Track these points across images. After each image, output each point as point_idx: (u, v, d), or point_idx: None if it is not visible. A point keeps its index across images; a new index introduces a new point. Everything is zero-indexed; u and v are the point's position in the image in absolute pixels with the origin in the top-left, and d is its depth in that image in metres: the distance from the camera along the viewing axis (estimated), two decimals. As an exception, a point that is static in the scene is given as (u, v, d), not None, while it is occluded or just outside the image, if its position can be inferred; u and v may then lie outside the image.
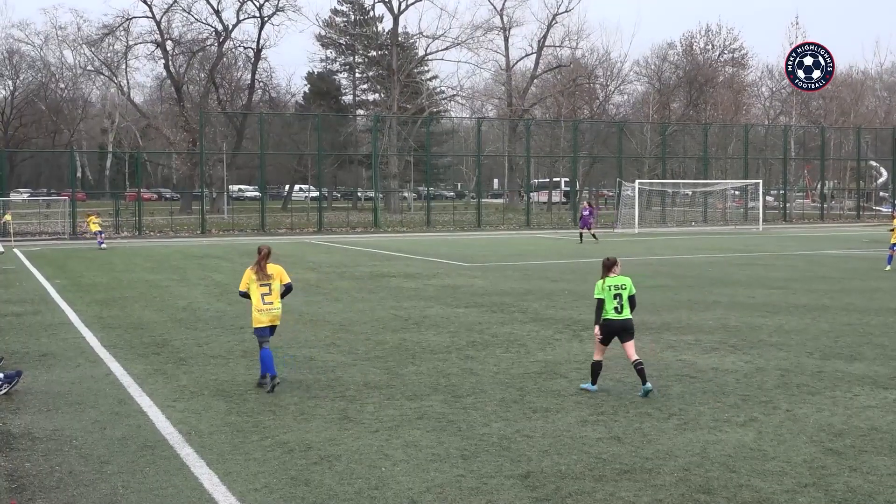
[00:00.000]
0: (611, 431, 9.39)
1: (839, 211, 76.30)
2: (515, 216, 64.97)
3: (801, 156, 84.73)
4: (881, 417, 9.91)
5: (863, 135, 76.61)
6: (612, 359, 13.22)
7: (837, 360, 13.09)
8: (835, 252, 34.87)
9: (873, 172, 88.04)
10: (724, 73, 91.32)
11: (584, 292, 21.31)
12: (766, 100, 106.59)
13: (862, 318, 17.13)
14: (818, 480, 7.86)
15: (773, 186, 79.23)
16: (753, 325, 16.31)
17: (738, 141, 74.80)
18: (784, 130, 75.47)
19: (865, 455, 8.56)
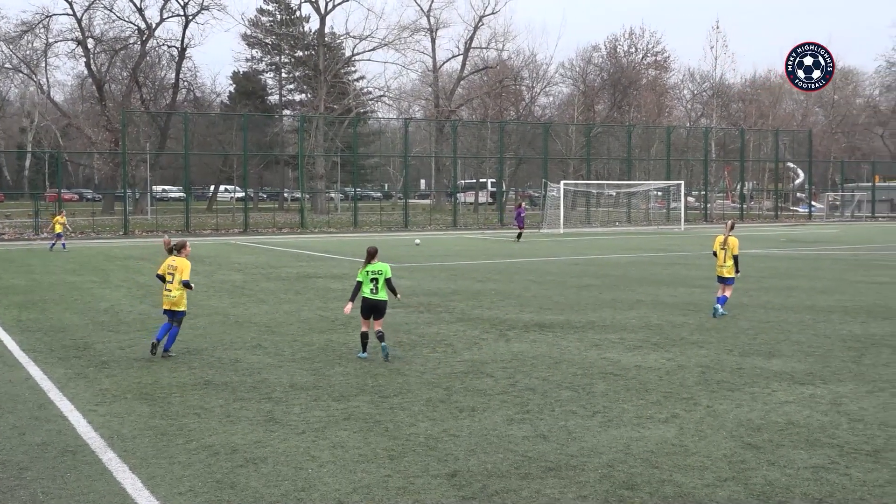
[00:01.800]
0: (536, 430, 9.46)
1: (758, 211, 77.98)
2: (442, 217, 65.10)
3: (721, 157, 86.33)
4: (798, 412, 10.15)
5: (781, 137, 78.40)
6: (537, 357, 13.34)
7: (756, 357, 13.37)
8: (753, 251, 35.58)
9: (791, 174, 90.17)
10: (647, 75, 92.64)
11: (511, 292, 21.45)
12: (688, 102, 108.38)
13: (779, 316, 17.53)
14: (738, 474, 8.02)
15: (694, 187, 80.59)
16: (675, 324, 16.57)
17: (660, 142, 75.92)
18: (705, 132, 76.85)
19: (783, 449, 8.76)
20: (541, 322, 16.79)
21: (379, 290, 12.97)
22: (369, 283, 12.97)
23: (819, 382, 11.66)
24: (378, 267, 13.00)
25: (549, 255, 33.45)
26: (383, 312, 13.19)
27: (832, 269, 28.04)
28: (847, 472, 8.08)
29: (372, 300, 12.99)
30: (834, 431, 9.36)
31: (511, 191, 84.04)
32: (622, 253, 34.90)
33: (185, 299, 13.66)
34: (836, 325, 16.39)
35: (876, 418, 9.87)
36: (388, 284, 13.08)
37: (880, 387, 11.39)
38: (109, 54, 72.76)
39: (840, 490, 7.61)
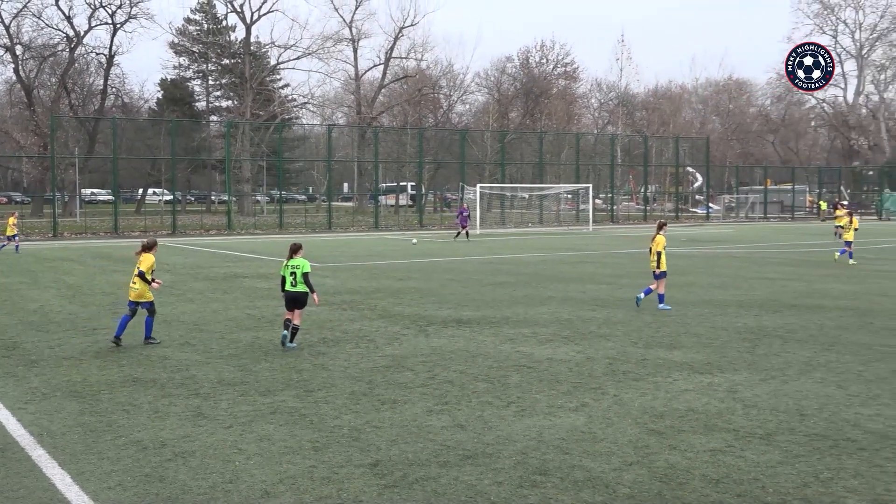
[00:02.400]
0: (454, 420, 9.48)
1: (660, 212, 79.33)
2: (364, 218, 64.86)
3: (626, 162, 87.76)
4: (697, 399, 10.36)
5: (681, 143, 79.93)
6: (455, 351, 13.38)
7: (659, 349, 13.60)
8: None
9: (690, 177, 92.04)
10: (557, 85, 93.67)
11: (430, 290, 21.47)
12: (596, 111, 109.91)
13: (680, 310, 17.87)
14: (642, 458, 8.15)
15: (601, 190, 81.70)
16: (584, 318, 16.77)
17: (570, 148, 76.83)
18: (611, 139, 78.01)
19: (683, 434, 8.93)
20: (458, 318, 16.84)
21: (297, 283, 13.44)
22: (289, 277, 13.51)
23: (716, 371, 11.92)
24: (296, 262, 13.50)
25: (465, 255, 33.57)
26: (302, 304, 13.57)
27: (728, 266, 28.68)
28: (742, 454, 8.27)
29: (291, 292, 13.51)
30: (730, 417, 9.57)
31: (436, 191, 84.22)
32: (535, 252, 35.20)
33: (147, 291, 13.94)
34: (731, 318, 16.77)
35: (768, 404, 10.13)
36: (305, 279, 13.44)
37: (772, 375, 11.69)
38: (38, 61, 70.82)
39: (736, 471, 7.79)
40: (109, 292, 21.34)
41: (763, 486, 7.42)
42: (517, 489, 7.37)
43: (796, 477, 7.63)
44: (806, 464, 7.98)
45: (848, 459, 8.09)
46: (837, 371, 11.93)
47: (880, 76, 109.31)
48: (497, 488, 7.39)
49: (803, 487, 7.38)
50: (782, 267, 28.19)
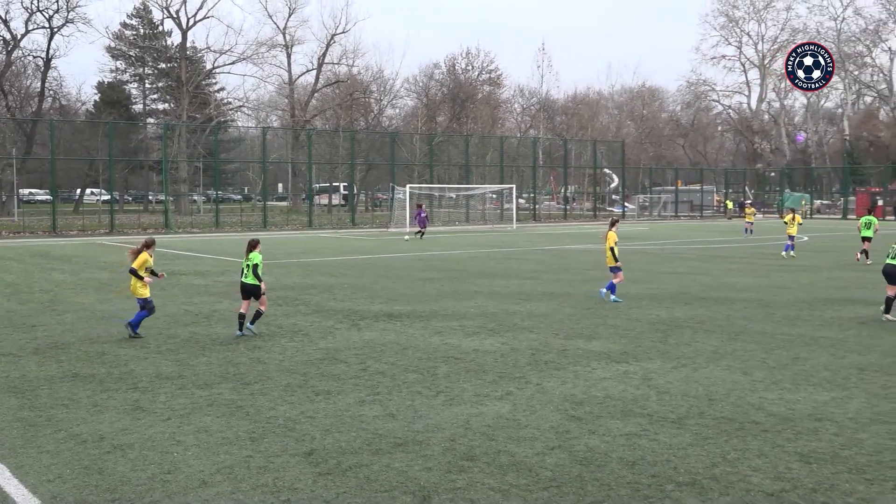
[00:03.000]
0: (386, 409, 9.46)
1: (579, 211, 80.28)
2: (299, 217, 64.27)
3: (547, 164, 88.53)
4: (614, 387, 10.50)
5: (598, 146, 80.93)
6: (386, 344, 13.35)
7: (579, 340, 13.76)
8: (576, 247, 36.64)
9: (606, 178, 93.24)
10: (482, 91, 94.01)
11: (362, 285, 21.39)
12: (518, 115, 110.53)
13: (598, 303, 18.09)
14: (563, 443, 8.23)
15: (524, 190, 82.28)
16: (509, 311, 16.87)
17: (494, 150, 77.18)
18: (533, 142, 78.60)
19: (602, 420, 9.04)
20: (389, 312, 16.80)
21: (248, 275, 14.03)
22: (245, 269, 14.13)
23: (632, 360, 12.10)
24: (251, 256, 14.05)
25: (396, 252, 33.52)
26: (254, 294, 14.07)
27: (642, 261, 29.13)
28: (656, 437, 8.41)
29: (243, 283, 14.14)
30: (645, 403, 9.73)
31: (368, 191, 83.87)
32: (462, 249, 35.29)
33: (140, 288, 14.02)
34: (645, 311, 17.04)
35: (679, 390, 10.32)
36: (254, 271, 13.98)
37: (683, 363, 11.92)
38: (-26, 63, 68.58)
39: (650, 453, 7.92)
40: (48, 290, 20.79)
41: (675, 466, 7.56)
42: (446, 474, 7.39)
43: (705, 458, 7.79)
44: (714, 445, 8.14)
45: (753, 441, 8.28)
46: (743, 359, 12.21)
47: (781, 84, 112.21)
48: (427, 474, 7.40)
49: (712, 467, 7.54)
50: (692, 262, 28.74)
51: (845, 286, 21.30)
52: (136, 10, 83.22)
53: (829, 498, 6.85)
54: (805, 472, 7.40)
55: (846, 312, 16.74)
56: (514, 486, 7.11)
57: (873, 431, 8.56)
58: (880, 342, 13.50)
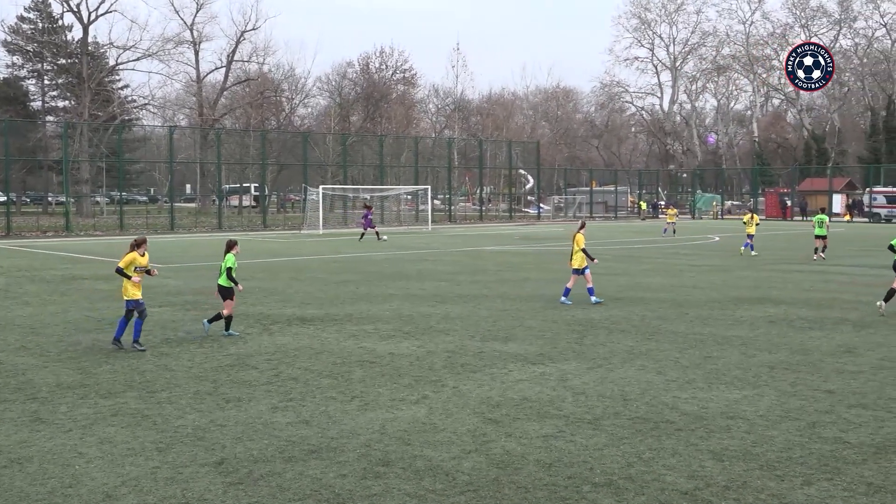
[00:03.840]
0: (299, 416, 9.36)
1: (495, 212, 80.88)
2: (208, 219, 63.21)
3: (462, 164, 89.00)
4: (531, 389, 10.60)
5: (513, 147, 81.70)
6: (299, 349, 13.22)
7: (495, 342, 13.85)
8: (492, 248, 36.90)
9: (522, 179, 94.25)
10: (396, 90, 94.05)
11: (274, 289, 21.14)
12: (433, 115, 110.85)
13: (514, 305, 18.25)
14: (480, 446, 8.27)
15: (439, 191, 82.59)
16: (424, 314, 16.89)
17: (409, 151, 77.25)
18: (448, 142, 78.91)
19: (518, 422, 9.12)
20: (302, 316, 16.65)
21: (220, 276, 14.21)
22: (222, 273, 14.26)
23: (548, 362, 12.23)
24: (225, 258, 14.23)
25: (310, 254, 33.24)
26: (224, 294, 14.18)
27: (558, 262, 29.46)
28: (572, 438, 8.52)
29: (217, 284, 14.30)
30: (561, 404, 9.84)
31: (280, 192, 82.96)
32: (376, 251, 35.18)
33: (131, 288, 13.23)
34: (561, 311, 17.25)
35: (595, 391, 10.47)
36: (228, 273, 14.12)
37: (598, 363, 12.10)
38: None
39: (566, 455, 8.01)
40: (-62, 296, 19.97)
41: (591, 467, 7.67)
42: (361, 481, 7.35)
43: (621, 458, 7.92)
44: (629, 445, 8.29)
45: (667, 440, 8.45)
46: (657, 358, 12.46)
47: (692, 86, 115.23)
48: (341, 481, 7.35)
49: (627, 467, 7.67)
50: (607, 262, 29.22)
51: (756, 286, 21.94)
52: (33, 3, 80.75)
53: (741, 495, 7.04)
54: (718, 470, 7.58)
55: (756, 311, 17.24)
56: (431, 492, 7.11)
57: (783, 428, 8.83)
58: (789, 340, 13.94)
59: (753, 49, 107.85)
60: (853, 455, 7.96)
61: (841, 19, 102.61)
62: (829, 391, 10.43)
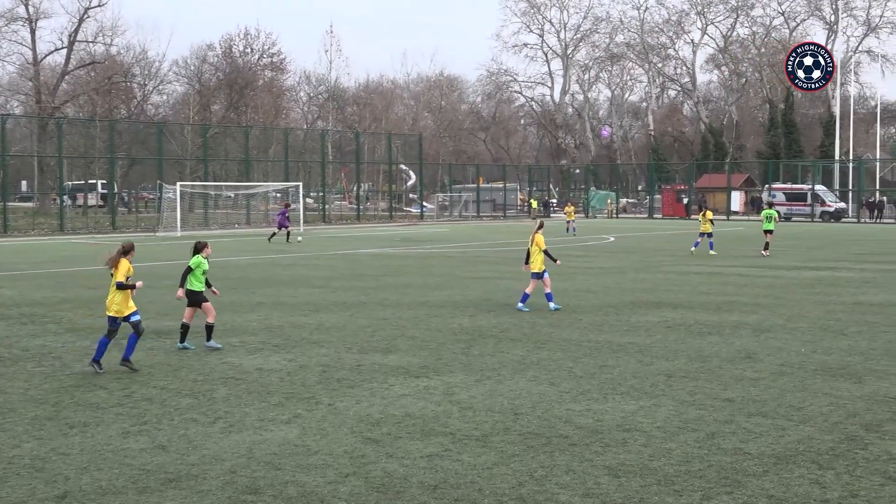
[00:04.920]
0: (155, 441, 9.15)
1: (374, 212, 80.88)
2: (48, 220, 61.10)
3: (337, 159, 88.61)
4: (414, 404, 10.64)
5: (393, 140, 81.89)
6: (154, 366, 12.93)
7: (374, 354, 13.84)
8: (370, 251, 36.86)
9: (403, 175, 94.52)
10: (263, 76, 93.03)
11: (125, 299, 20.59)
12: (305, 104, 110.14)
13: (396, 313, 18.29)
14: (358, 469, 8.25)
15: (312, 188, 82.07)
16: (296, 324, 16.75)
17: (278, 144, 76.50)
18: (322, 134, 78.48)
19: (401, 441, 9.13)
20: (158, 329, 16.29)
21: (191, 281, 14.25)
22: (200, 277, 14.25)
23: (433, 374, 12.30)
24: (196, 261, 14.22)
25: (166, 259, 32.50)
26: (195, 301, 14.24)
27: (443, 265, 29.71)
28: (459, 457, 8.58)
29: (187, 290, 14.32)
30: (447, 420, 9.91)
31: (132, 190, 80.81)
32: (242, 255, 34.70)
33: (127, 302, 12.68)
34: (447, 319, 17.38)
35: (483, 405, 10.59)
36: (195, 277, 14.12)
37: (487, 375, 12.24)
38: None
39: (453, 475, 8.07)
40: None
41: (480, 488, 7.74)
42: (226, 511, 7.23)
43: (511, 477, 8.03)
44: (521, 463, 8.41)
45: (560, 456, 8.61)
46: (549, 369, 12.69)
47: (584, 76, 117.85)
48: (203, 512, 7.21)
49: (518, 487, 7.78)
50: (496, 266, 29.59)
51: (651, 288, 22.58)
52: None
53: (638, 512, 7.22)
54: (614, 487, 7.77)
55: (653, 316, 17.75)
56: (304, 521, 7.05)
57: (681, 440, 9.11)
58: (686, 346, 14.40)
59: (648, 37, 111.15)
60: (753, 466, 8.28)
61: (738, 7, 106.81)
62: (728, 399, 10.82)
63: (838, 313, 18.15)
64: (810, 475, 8.02)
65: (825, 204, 73.18)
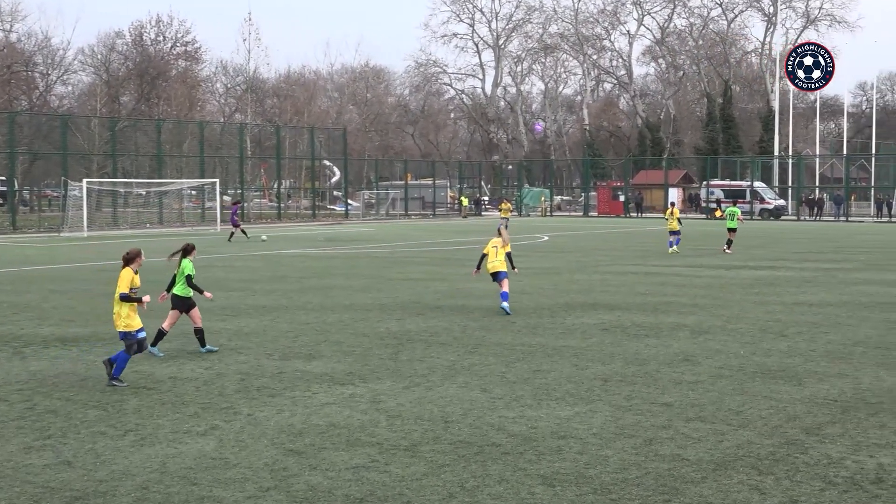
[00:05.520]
0: (60, 456, 8.99)
1: (296, 210, 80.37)
2: (-59, 220, 59.62)
3: (257, 154, 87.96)
4: (338, 413, 10.60)
5: (316, 134, 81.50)
6: (60, 375, 12.70)
7: (297, 360, 13.77)
8: (292, 251, 36.63)
9: (327, 172, 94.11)
10: (177, 66, 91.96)
11: (27, 304, 20.22)
12: (222, 96, 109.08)
13: (319, 317, 18.21)
14: (280, 483, 8.20)
15: (230, 186, 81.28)
16: (213, 330, 16.57)
17: (193, 138, 75.62)
18: (240, 128, 77.76)
19: (325, 452, 9.10)
20: (63, 336, 16.00)
21: (176, 285, 14.43)
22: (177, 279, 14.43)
23: (359, 381, 12.28)
24: (183, 264, 14.40)
25: (72, 261, 31.94)
26: (180, 306, 14.39)
27: (369, 266, 29.65)
28: (386, 468, 8.58)
29: (173, 294, 14.49)
30: (373, 430, 9.90)
31: (34, 187, 79.11)
32: (153, 257, 34.16)
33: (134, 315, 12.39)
34: (373, 323, 17.35)
35: (412, 413, 10.59)
36: (188, 280, 14.26)
37: (416, 382, 12.25)
38: None
39: (380, 487, 8.07)
40: None
41: (409, 500, 7.75)
42: (137, 530, 7.13)
43: (442, 488, 8.05)
44: (451, 473, 8.43)
45: (493, 465, 8.66)
46: (481, 374, 12.74)
47: (517, 68, 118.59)
48: (113, 531, 7.10)
49: (449, 498, 7.80)
50: (425, 267, 29.62)
51: (587, 290, 22.82)
52: None
53: (573, 523, 7.29)
54: (549, 497, 7.83)
55: (589, 318, 17.94)
56: (222, 538, 6.99)
57: (618, 447, 9.23)
58: (623, 349, 14.59)
59: (583, 27, 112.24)
60: (692, 473, 8.41)
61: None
62: (666, 404, 10.98)
63: (778, 314, 18.54)
64: (750, 481, 8.18)
65: (765, 201, 74.66)
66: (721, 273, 27.15)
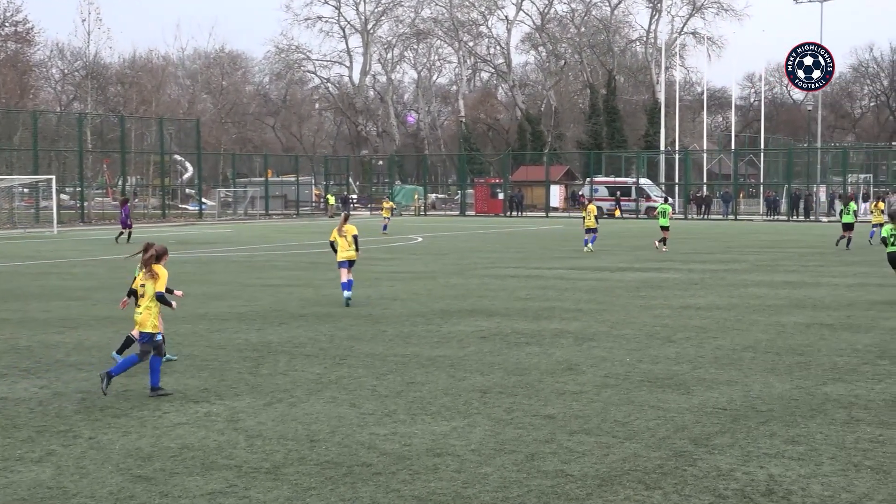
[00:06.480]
0: None
1: (144, 209, 78.85)
2: None
3: (99, 148, 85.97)
4: (192, 434, 10.44)
5: (166, 126, 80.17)
6: None
7: (144, 376, 13.43)
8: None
9: (178, 167, 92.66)
10: (5, 49, 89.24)
11: None
12: (58, 83, 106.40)
13: (170, 328, 17.76)
14: (126, 513, 8.04)
15: (68, 183, 79.30)
16: (49, 344, 16.17)
17: (25, 130, 73.54)
18: (79, 119, 75.92)
19: (177, 477, 8.94)
20: None
21: None
22: None
23: (214, 399, 12.11)
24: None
25: None
26: None
27: (225, 272, 29.30)
28: (246, 493, 8.48)
29: None
30: (231, 451, 9.78)
31: None
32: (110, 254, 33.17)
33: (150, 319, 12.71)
34: (231, 334, 17.15)
35: (274, 432, 10.50)
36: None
37: (278, 398, 12.15)
38: None
39: (239, 515, 7.97)
40: None
41: (271, 528, 7.68)
42: (-38, 571, 6.89)
43: (308, 513, 8.00)
44: (318, 497, 8.39)
45: (363, 487, 8.65)
46: (350, 388, 12.71)
47: (387, 55, 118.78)
48: (-66, 573, 6.85)
49: (315, 525, 7.75)
50: (288, 271, 29.41)
51: (464, 294, 23.00)
52: None
53: (451, 547, 7.34)
54: (424, 519, 7.86)
55: (466, 326, 18.08)
56: (61, 577, 6.81)
57: (498, 464, 9.32)
58: (503, 359, 14.74)
59: (458, 12, 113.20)
60: (576, 489, 8.56)
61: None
62: (548, 416, 11.14)
63: (665, 318, 19.00)
64: (637, 496, 8.36)
65: (650, 199, 76.48)
66: (606, 275, 27.70)
